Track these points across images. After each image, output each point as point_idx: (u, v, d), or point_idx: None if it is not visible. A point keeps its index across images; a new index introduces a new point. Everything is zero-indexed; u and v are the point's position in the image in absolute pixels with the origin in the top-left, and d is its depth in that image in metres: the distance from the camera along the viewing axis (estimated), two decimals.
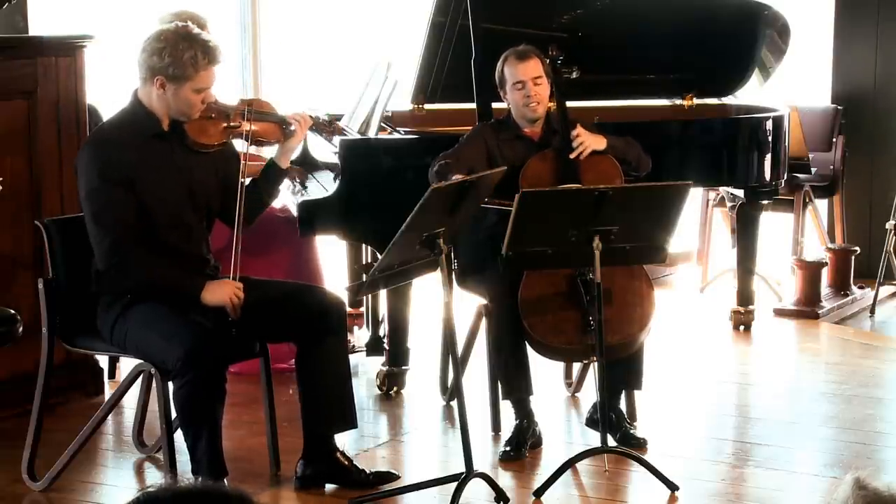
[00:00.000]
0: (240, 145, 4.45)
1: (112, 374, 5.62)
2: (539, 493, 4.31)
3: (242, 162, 4.32)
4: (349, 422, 4.42)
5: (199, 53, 4.14)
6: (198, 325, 4.14)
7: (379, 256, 4.37)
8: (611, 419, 4.70)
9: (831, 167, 7.53)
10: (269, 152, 4.81)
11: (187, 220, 4.31)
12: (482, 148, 4.96)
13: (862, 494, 1.84)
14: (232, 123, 4.33)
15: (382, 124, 5.61)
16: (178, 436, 4.26)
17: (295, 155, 5.93)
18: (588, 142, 4.86)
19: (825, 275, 6.94)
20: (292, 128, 4.46)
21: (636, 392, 4.93)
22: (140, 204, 4.18)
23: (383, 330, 5.79)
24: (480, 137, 5.01)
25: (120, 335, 4.23)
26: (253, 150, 4.61)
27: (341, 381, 4.39)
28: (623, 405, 4.90)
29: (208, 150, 4.30)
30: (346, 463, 4.40)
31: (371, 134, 5.45)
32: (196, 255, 4.35)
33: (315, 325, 4.34)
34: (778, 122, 6.16)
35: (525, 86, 4.91)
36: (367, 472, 4.42)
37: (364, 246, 6.04)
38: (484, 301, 4.92)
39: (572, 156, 4.85)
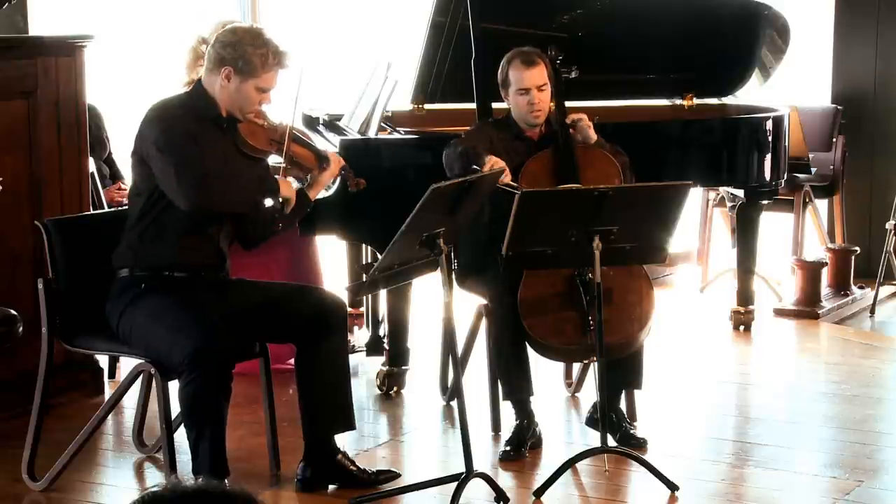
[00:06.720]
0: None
1: (112, 374, 5.62)
2: (539, 493, 4.30)
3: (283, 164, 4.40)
4: (348, 423, 4.41)
5: (271, 54, 4.24)
6: (207, 320, 4.13)
7: (379, 256, 4.36)
8: (611, 419, 4.70)
9: (831, 167, 7.53)
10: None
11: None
12: (487, 138, 4.95)
13: None
14: (277, 138, 4.37)
15: (382, 124, 5.61)
16: (179, 436, 4.27)
17: None
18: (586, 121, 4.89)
19: (825, 275, 6.94)
20: (326, 164, 4.45)
21: (636, 392, 4.93)
22: None
23: (383, 330, 5.79)
24: (484, 131, 5.01)
25: (127, 325, 4.21)
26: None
27: (340, 382, 4.38)
28: (623, 405, 4.90)
29: (253, 153, 4.33)
30: (348, 464, 4.39)
31: (371, 134, 5.45)
32: (215, 245, 4.35)
33: (315, 327, 4.33)
34: (778, 122, 6.16)
35: (529, 92, 4.89)
36: (370, 471, 4.42)
37: (364, 246, 6.04)
38: (484, 301, 4.91)
39: (568, 120, 4.85)
